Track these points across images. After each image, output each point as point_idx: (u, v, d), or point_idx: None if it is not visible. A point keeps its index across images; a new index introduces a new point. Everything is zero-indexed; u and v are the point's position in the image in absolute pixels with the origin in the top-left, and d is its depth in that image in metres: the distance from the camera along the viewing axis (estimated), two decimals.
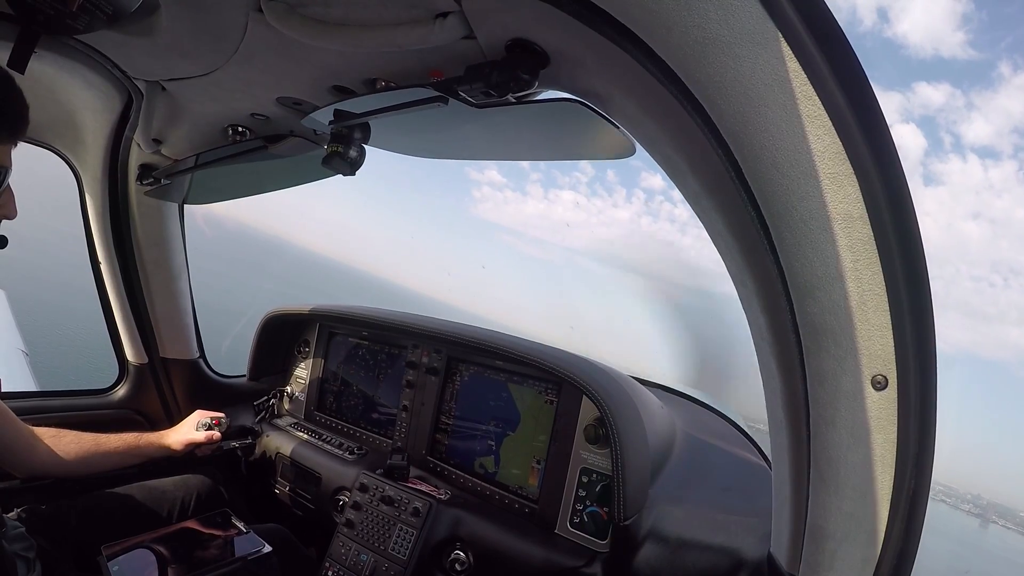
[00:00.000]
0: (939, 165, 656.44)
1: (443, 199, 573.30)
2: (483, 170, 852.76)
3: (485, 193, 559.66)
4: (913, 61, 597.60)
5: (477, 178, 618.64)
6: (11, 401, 1.67)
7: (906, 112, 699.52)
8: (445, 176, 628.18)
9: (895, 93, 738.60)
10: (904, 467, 0.72)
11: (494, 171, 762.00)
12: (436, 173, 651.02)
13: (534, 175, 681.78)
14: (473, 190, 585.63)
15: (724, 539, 1.37)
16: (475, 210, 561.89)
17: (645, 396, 1.85)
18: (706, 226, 0.86)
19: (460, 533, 1.68)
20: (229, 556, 1.62)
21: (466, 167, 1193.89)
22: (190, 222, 2.19)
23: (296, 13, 0.92)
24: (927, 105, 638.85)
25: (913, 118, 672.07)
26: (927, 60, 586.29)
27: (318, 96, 1.21)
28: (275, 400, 2.46)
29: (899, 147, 0.62)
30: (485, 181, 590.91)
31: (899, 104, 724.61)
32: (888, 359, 0.68)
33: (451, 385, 2.02)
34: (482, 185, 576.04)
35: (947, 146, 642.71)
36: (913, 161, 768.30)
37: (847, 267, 0.65)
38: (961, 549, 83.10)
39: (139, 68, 1.32)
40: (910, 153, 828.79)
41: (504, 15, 0.78)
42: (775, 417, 0.87)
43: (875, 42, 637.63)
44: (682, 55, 0.61)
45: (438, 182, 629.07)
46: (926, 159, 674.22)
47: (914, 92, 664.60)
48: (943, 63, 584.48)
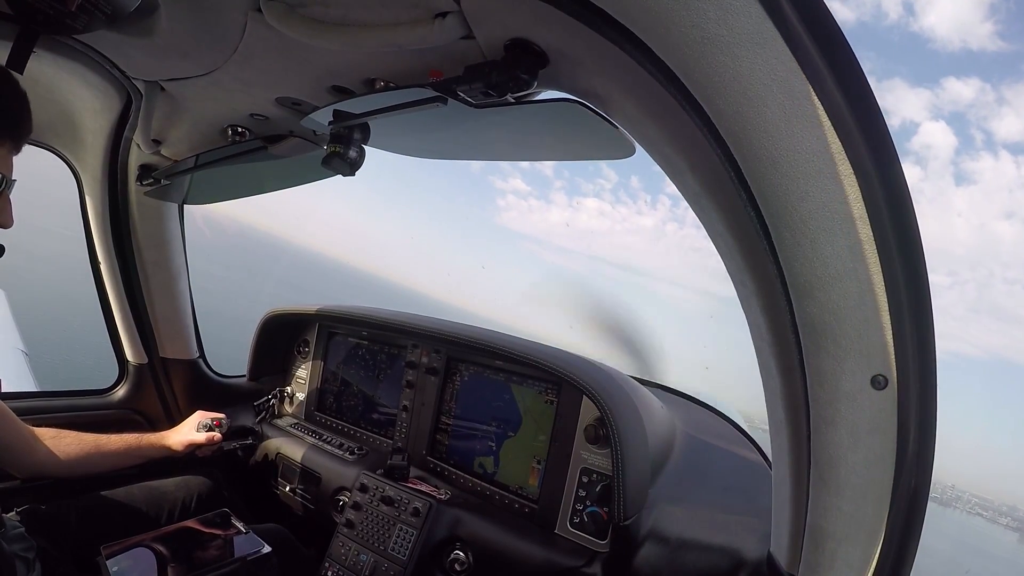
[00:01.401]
0: (970, 163, 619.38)
1: (469, 208, 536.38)
2: (507, 179, 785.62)
3: (510, 201, 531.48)
4: (941, 55, 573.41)
5: (502, 187, 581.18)
6: (11, 401, 1.67)
7: (935, 109, 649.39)
8: (471, 186, 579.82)
9: (923, 90, 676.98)
10: (904, 467, 0.72)
11: (518, 180, 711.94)
12: (462, 183, 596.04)
13: (557, 182, 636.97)
14: (498, 199, 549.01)
15: (724, 539, 1.38)
16: (500, 219, 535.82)
17: (645, 396, 1.85)
18: (706, 226, 0.86)
19: (460, 533, 1.68)
20: (228, 556, 1.62)
21: (490, 176, 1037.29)
22: (193, 222, 2.19)
23: (295, 13, 0.92)
24: (956, 101, 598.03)
25: (942, 115, 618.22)
26: (955, 54, 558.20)
27: (317, 96, 1.21)
28: (275, 400, 2.46)
29: (929, 146, 0.62)
30: (510, 190, 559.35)
31: (928, 101, 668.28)
32: (888, 359, 0.68)
33: (451, 385, 2.02)
34: (507, 194, 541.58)
35: (978, 143, 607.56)
36: (943, 160, 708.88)
37: (847, 267, 0.65)
38: (999, 568, 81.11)
39: (138, 68, 1.32)
40: (940, 152, 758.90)
41: (503, 15, 0.78)
42: (775, 417, 0.87)
43: (901, 36, 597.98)
44: (681, 55, 0.61)
45: (463, 191, 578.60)
46: (957, 157, 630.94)
47: (943, 88, 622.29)
48: (971, 56, 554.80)
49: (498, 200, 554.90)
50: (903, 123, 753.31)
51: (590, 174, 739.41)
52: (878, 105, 0.59)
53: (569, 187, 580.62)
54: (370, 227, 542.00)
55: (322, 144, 1.50)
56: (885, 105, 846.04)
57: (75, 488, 1.72)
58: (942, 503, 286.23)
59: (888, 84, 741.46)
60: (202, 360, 2.40)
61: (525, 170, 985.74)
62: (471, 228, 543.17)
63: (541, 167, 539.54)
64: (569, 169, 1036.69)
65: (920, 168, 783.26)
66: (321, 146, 1.53)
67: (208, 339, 2.41)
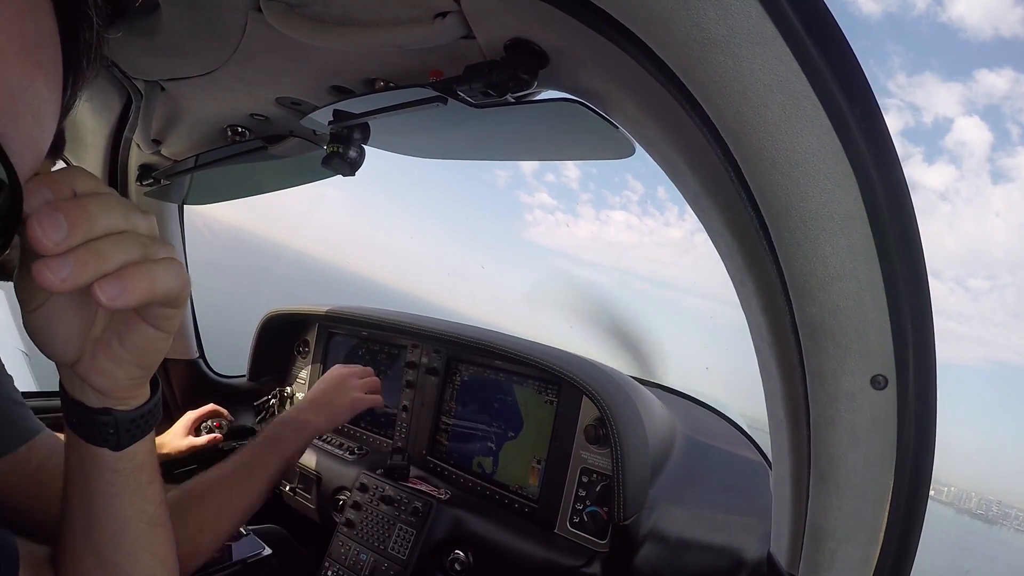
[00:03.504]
0: (1007, 160, 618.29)
1: (497, 222, 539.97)
2: (533, 193, 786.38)
3: (537, 216, 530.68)
4: (972, 46, 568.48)
5: (528, 201, 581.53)
6: None
7: (968, 103, 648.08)
8: (496, 200, 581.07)
9: (955, 84, 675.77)
10: (904, 467, 0.72)
11: (544, 194, 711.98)
12: (489, 198, 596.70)
13: (584, 195, 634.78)
14: (525, 214, 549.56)
15: (724, 539, 1.38)
16: (527, 233, 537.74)
17: (645, 396, 1.85)
18: (705, 226, 0.86)
19: (460, 533, 1.68)
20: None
21: (516, 191, 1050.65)
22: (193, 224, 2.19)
23: (295, 13, 0.92)
24: (990, 94, 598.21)
25: (976, 110, 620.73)
26: (987, 43, 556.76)
27: (317, 96, 1.21)
28: (275, 401, 2.46)
29: (963, 143, 0.62)
30: (536, 204, 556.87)
31: (960, 95, 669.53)
32: (888, 359, 0.68)
33: (451, 385, 2.02)
34: (533, 208, 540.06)
35: (1015, 138, 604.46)
36: (979, 158, 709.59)
37: (847, 267, 0.65)
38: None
39: (138, 68, 1.32)
40: (975, 149, 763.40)
41: (503, 15, 0.78)
42: (775, 417, 0.87)
43: (930, 28, 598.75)
44: (681, 55, 0.61)
45: (489, 205, 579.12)
46: (993, 154, 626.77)
47: (975, 81, 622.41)
48: (1004, 45, 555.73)
49: (525, 215, 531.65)
50: (935, 120, 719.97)
51: (616, 186, 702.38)
52: (878, 105, 0.59)
53: (596, 200, 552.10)
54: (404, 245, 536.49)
55: (322, 144, 1.50)
56: (916, 102, 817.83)
57: None
58: (988, 520, 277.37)
59: (919, 79, 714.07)
60: (202, 360, 2.40)
61: (551, 184, 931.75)
62: (500, 244, 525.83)
63: (567, 180, 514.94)
64: (595, 182, 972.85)
65: (954, 167, 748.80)
66: (321, 146, 1.53)
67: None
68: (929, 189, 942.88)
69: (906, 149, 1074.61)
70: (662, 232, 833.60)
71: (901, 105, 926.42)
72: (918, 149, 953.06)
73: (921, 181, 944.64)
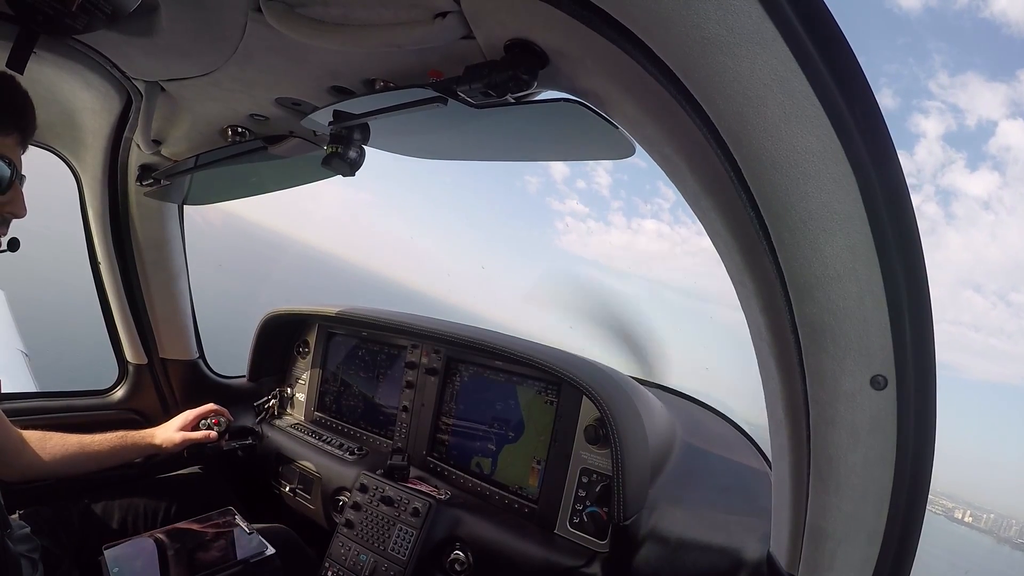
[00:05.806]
0: None
1: (528, 231, 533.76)
2: (564, 200, 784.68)
3: (568, 224, 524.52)
4: (1016, 43, 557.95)
5: (559, 208, 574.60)
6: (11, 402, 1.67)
7: (1013, 105, 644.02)
8: (527, 207, 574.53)
9: (999, 84, 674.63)
10: (904, 467, 0.72)
11: (575, 201, 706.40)
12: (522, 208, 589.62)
13: (615, 203, 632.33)
14: (556, 221, 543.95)
15: (724, 539, 1.37)
16: (559, 242, 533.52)
17: (645, 396, 1.85)
18: (705, 226, 0.86)
19: (460, 533, 1.68)
20: (232, 558, 1.62)
21: (547, 198, 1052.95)
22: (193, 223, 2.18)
23: (295, 13, 0.92)
24: None
25: (1021, 112, 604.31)
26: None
27: (317, 96, 1.21)
28: (275, 401, 2.46)
29: (1008, 148, 0.61)
30: (567, 211, 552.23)
31: (1005, 96, 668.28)
32: (887, 359, 0.68)
33: (451, 385, 2.02)
34: (564, 216, 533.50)
35: None
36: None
37: (847, 267, 0.65)
38: None
39: (138, 68, 1.32)
40: (1021, 154, 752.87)
41: (503, 15, 0.78)
42: (775, 417, 0.87)
43: (973, 24, 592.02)
44: (681, 55, 0.61)
45: (521, 215, 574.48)
46: None
47: (1020, 81, 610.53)
48: None
49: (556, 223, 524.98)
50: (979, 123, 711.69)
51: (647, 193, 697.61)
52: (878, 105, 0.59)
53: (627, 207, 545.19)
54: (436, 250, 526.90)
55: (322, 144, 1.50)
56: (959, 103, 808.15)
57: (77, 488, 1.72)
58: (1018, 547, 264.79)
59: (961, 79, 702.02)
60: (202, 360, 2.40)
61: (582, 191, 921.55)
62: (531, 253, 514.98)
63: (598, 188, 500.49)
64: (626, 189, 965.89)
65: (998, 174, 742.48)
66: (321, 146, 1.53)
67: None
68: (971, 197, 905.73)
69: (947, 155, 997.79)
70: (695, 241, 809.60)
71: (943, 108, 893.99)
72: (960, 155, 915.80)
73: (963, 189, 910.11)
